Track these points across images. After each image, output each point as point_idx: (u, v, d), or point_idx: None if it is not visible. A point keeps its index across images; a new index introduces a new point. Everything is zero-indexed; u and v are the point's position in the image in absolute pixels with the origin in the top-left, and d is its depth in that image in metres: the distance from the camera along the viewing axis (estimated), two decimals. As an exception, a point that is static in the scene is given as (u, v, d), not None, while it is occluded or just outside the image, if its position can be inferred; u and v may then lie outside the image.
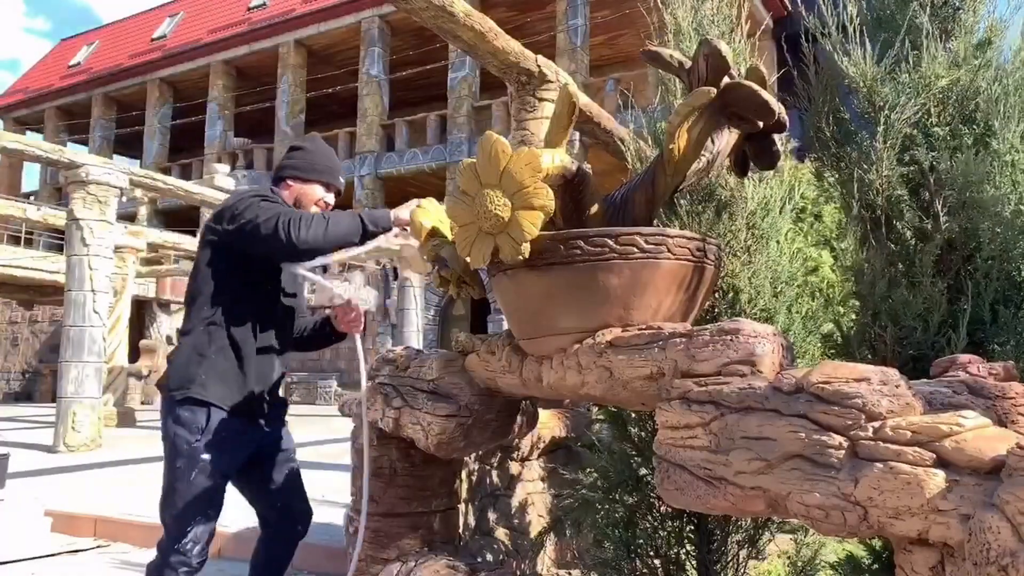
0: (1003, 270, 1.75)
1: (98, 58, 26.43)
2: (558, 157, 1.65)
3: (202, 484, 2.17)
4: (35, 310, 20.64)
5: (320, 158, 2.43)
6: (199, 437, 2.17)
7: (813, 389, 1.20)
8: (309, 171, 2.39)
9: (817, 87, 2.03)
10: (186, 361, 2.22)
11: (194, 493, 2.16)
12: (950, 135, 1.85)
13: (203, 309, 2.24)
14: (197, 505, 2.17)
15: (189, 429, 2.17)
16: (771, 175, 2.33)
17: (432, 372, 2.14)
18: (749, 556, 2.35)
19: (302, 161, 2.40)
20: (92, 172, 8.65)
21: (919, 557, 1.11)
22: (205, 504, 2.19)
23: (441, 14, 3.67)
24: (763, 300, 2.25)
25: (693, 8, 2.38)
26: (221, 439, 2.19)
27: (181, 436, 2.17)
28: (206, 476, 2.17)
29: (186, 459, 2.16)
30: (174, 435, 2.18)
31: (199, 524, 2.18)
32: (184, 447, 2.16)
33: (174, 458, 2.18)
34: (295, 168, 2.40)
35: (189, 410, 2.18)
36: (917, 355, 1.79)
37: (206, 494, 2.18)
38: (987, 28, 1.90)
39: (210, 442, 2.17)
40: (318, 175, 2.40)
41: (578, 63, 16.63)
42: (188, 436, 2.17)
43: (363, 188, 19.27)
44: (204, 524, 2.20)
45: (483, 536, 2.90)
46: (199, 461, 2.16)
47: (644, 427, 2.38)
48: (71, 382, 8.45)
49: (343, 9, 20.29)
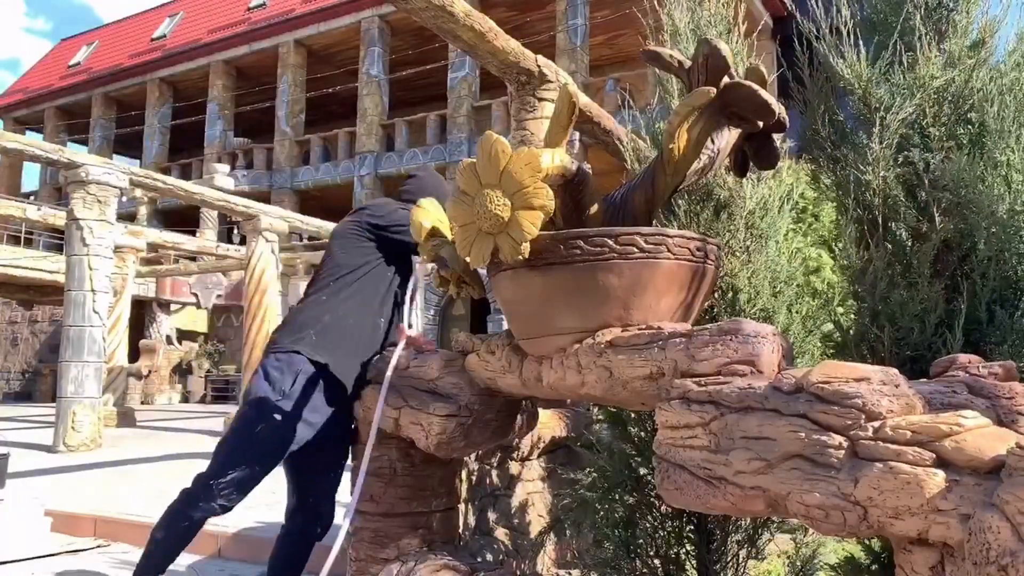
0: (999, 270, 1.75)
1: (98, 58, 26.42)
2: (558, 157, 1.65)
3: (263, 438, 2.29)
4: (35, 310, 20.63)
5: (428, 184, 2.80)
6: (279, 398, 2.30)
7: (813, 389, 1.20)
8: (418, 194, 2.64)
9: (812, 89, 2.03)
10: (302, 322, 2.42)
11: (252, 443, 2.29)
12: (946, 135, 1.85)
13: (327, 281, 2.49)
14: (249, 455, 2.29)
15: (274, 386, 2.32)
16: (770, 175, 2.33)
17: (432, 372, 2.14)
18: (749, 556, 2.35)
19: (414, 186, 2.77)
20: (92, 172, 8.65)
21: (919, 557, 1.11)
22: (256, 458, 2.30)
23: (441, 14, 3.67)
24: (762, 300, 2.25)
25: (690, 9, 2.38)
26: (296, 407, 2.31)
27: (263, 388, 2.31)
28: (270, 433, 2.29)
29: (258, 412, 2.30)
30: (258, 385, 2.33)
31: (241, 472, 2.28)
32: (261, 400, 2.30)
33: (249, 406, 2.33)
34: (409, 192, 2.75)
35: (279, 369, 2.33)
36: (915, 355, 1.79)
37: (262, 449, 2.30)
38: (981, 28, 1.91)
39: (287, 405, 2.30)
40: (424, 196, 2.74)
41: (578, 63, 16.62)
42: (270, 392, 2.31)
43: (363, 188, 19.27)
44: (246, 475, 2.29)
45: (483, 536, 2.90)
46: (270, 418, 2.28)
47: (644, 427, 2.38)
48: (71, 382, 8.45)
49: (343, 9, 20.28)
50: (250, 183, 20.73)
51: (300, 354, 2.35)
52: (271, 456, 2.33)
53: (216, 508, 2.30)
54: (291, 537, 2.59)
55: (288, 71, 21.18)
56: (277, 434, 2.30)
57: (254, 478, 2.32)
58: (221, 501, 2.29)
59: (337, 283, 2.48)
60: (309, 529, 2.59)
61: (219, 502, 2.29)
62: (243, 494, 2.32)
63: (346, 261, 2.52)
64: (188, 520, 2.32)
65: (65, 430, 8.31)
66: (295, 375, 2.32)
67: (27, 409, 15.76)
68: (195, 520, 2.32)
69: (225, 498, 2.29)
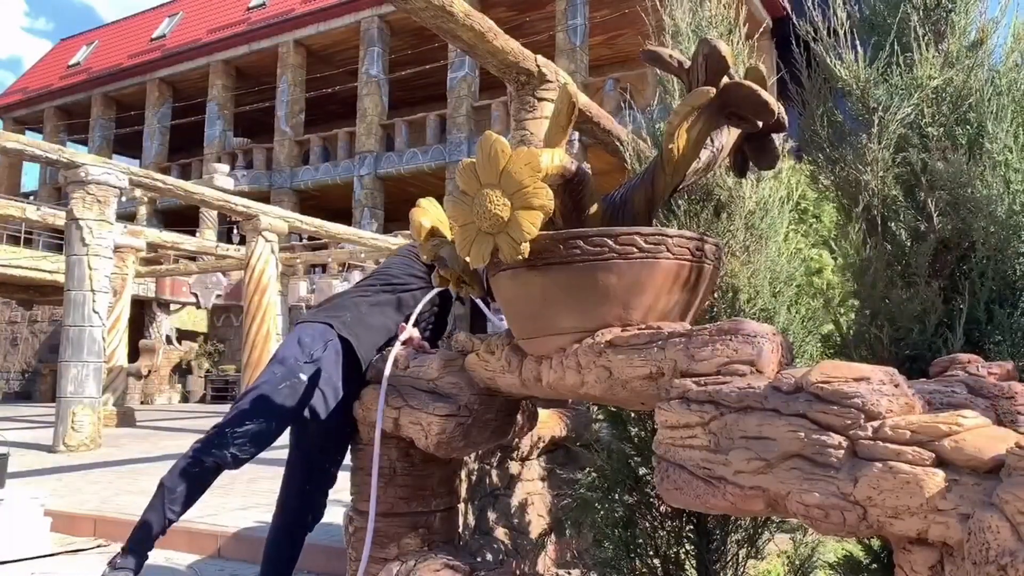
0: (998, 270, 1.75)
1: (97, 58, 26.42)
2: (557, 157, 1.65)
3: (285, 395, 2.33)
4: (35, 310, 20.63)
5: None
6: (307, 360, 2.38)
7: (812, 389, 1.20)
8: None
9: (810, 90, 2.03)
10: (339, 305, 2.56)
11: (274, 398, 2.33)
12: (944, 135, 1.85)
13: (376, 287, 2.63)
14: (269, 409, 2.32)
15: (303, 350, 2.40)
16: (770, 175, 2.33)
17: (431, 372, 2.14)
18: (748, 555, 2.35)
19: None
20: (92, 172, 8.65)
21: (918, 557, 1.11)
22: (275, 413, 2.33)
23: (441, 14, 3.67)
24: (762, 300, 2.25)
25: (691, 10, 2.38)
26: (320, 374, 2.39)
27: (293, 351, 2.40)
28: (290, 391, 2.34)
29: (285, 369, 2.36)
30: (288, 348, 2.42)
31: (258, 425, 2.31)
32: (290, 360, 2.38)
33: (274, 364, 2.41)
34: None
35: (312, 336, 2.43)
36: (914, 355, 1.79)
37: (282, 405, 2.34)
38: (979, 29, 1.91)
39: (312, 369, 2.37)
40: None
41: (577, 63, 16.63)
42: (299, 354, 2.39)
43: (363, 188, 19.27)
44: (262, 428, 2.32)
45: (483, 536, 2.90)
46: (295, 377, 2.35)
47: (643, 427, 2.38)
48: (71, 382, 8.45)
49: (342, 9, 20.28)
50: (250, 183, 20.73)
51: (332, 328, 2.45)
52: (288, 413, 2.36)
53: (227, 457, 2.29)
54: (286, 526, 2.61)
55: (288, 71, 21.18)
56: (299, 394, 2.35)
57: (270, 433, 2.34)
58: (234, 450, 2.28)
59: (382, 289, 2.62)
60: (303, 518, 2.60)
61: (231, 451, 2.28)
62: (256, 448, 2.32)
63: (398, 274, 2.68)
64: (199, 466, 2.31)
65: (65, 430, 8.31)
66: (325, 344, 2.42)
67: (27, 409, 15.76)
68: (206, 467, 2.31)
69: (238, 447, 2.28)
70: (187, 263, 16.82)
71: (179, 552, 4.17)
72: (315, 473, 2.60)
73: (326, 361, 2.40)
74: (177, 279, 18.73)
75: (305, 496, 2.60)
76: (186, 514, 2.40)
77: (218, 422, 2.35)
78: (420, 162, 18.66)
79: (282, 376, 2.35)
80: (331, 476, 2.64)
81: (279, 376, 2.36)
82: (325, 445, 2.55)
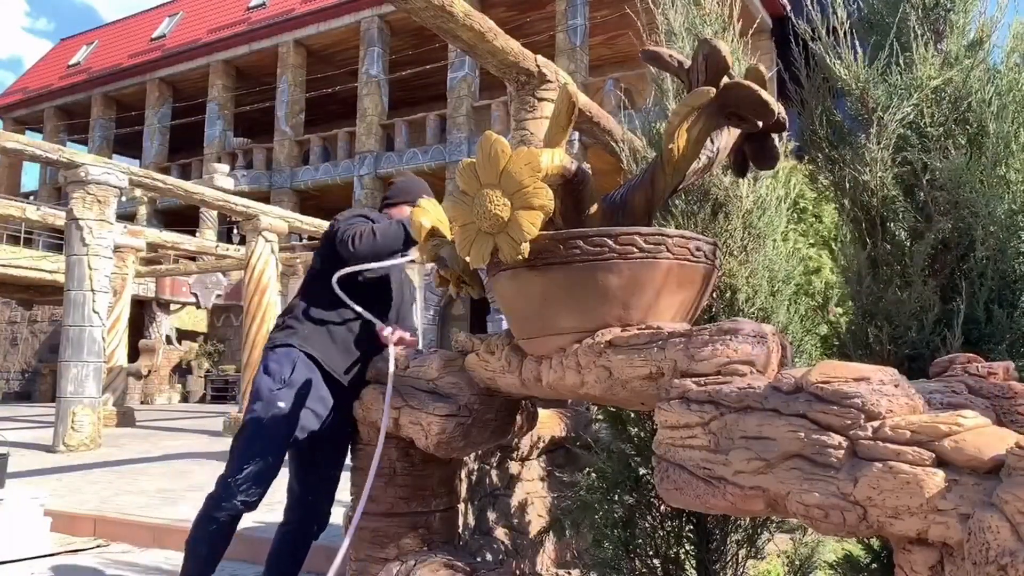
0: (997, 269, 1.75)
1: (97, 58, 26.41)
2: (557, 157, 1.65)
3: (271, 427, 2.38)
4: (34, 310, 20.63)
5: (404, 185, 2.92)
6: (280, 387, 2.41)
7: (812, 389, 1.20)
8: (395, 197, 2.86)
9: (810, 90, 2.03)
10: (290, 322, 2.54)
11: (261, 434, 2.38)
12: (943, 135, 1.85)
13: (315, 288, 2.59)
14: (260, 447, 2.38)
15: (273, 378, 2.43)
16: (768, 175, 2.33)
17: (432, 372, 2.14)
18: (748, 555, 2.35)
19: (392, 192, 2.90)
20: (91, 172, 8.64)
21: (918, 557, 1.11)
22: (268, 448, 2.38)
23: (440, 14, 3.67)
24: (761, 299, 2.25)
25: (685, 9, 2.38)
26: (300, 394, 2.42)
27: (265, 382, 2.43)
28: (277, 424, 2.38)
29: (263, 403, 2.40)
30: (259, 381, 2.45)
31: (256, 465, 2.36)
32: (265, 392, 2.41)
33: (254, 400, 2.44)
34: (387, 198, 2.90)
35: (278, 361, 2.45)
36: (912, 354, 1.79)
37: (272, 438, 2.39)
38: (978, 28, 1.91)
39: (288, 394, 2.40)
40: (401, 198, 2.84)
41: (577, 63, 16.62)
42: (271, 384, 2.42)
43: (363, 188, 19.26)
44: (261, 467, 2.36)
45: (482, 536, 2.90)
46: (275, 407, 2.38)
47: (643, 427, 2.38)
48: (70, 382, 8.44)
49: (343, 9, 20.27)
50: (250, 183, 20.71)
51: (292, 346, 2.47)
52: (281, 443, 2.40)
53: (239, 505, 2.36)
54: (289, 534, 2.63)
55: (288, 71, 21.17)
56: (284, 420, 2.38)
57: (270, 469, 2.39)
58: (242, 498, 2.35)
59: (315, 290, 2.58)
60: (307, 526, 2.63)
61: (240, 499, 2.34)
62: (262, 487, 2.39)
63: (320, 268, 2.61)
64: (215, 523, 2.38)
65: (65, 430, 8.31)
66: (292, 364, 2.44)
67: (27, 409, 15.76)
68: (221, 522, 2.38)
69: (245, 494, 2.34)
70: (187, 263, 16.81)
71: (179, 552, 4.16)
72: (316, 481, 2.61)
73: (299, 378, 2.43)
74: (177, 279, 18.73)
75: (308, 507, 2.61)
76: (186, 513, 2.43)
77: (221, 474, 2.42)
78: (420, 162, 18.64)
79: (262, 411, 2.39)
80: (334, 480, 2.64)
81: (259, 412, 2.40)
82: (323, 452, 2.56)
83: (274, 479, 2.41)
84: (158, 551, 4.27)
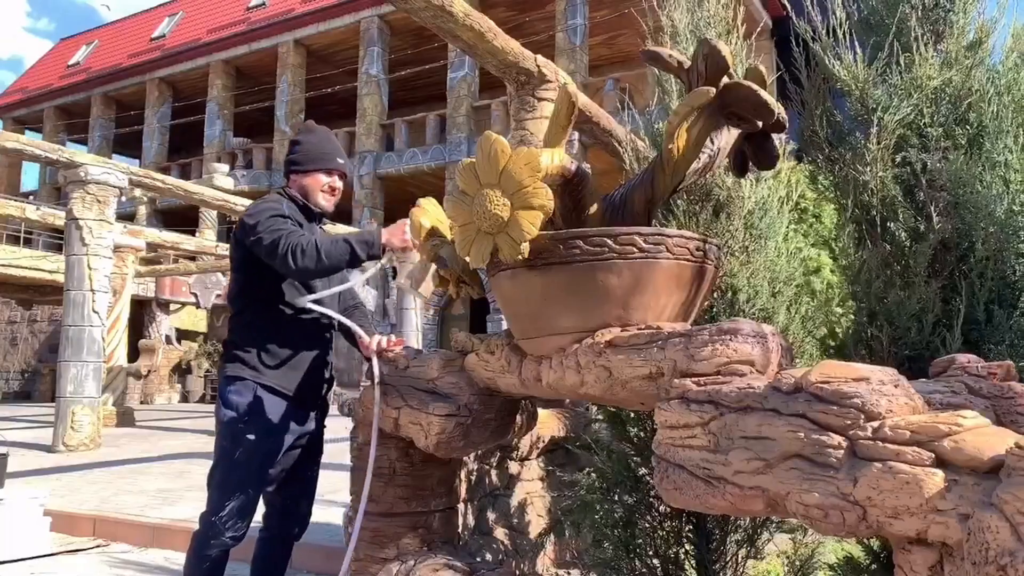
0: (997, 270, 1.75)
1: (97, 58, 26.40)
2: (557, 157, 1.65)
3: (244, 463, 2.30)
4: (34, 309, 20.62)
5: (315, 147, 2.49)
6: (246, 418, 2.29)
7: (812, 389, 1.20)
8: (307, 163, 2.47)
9: (810, 90, 2.04)
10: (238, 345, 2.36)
11: (236, 469, 2.30)
12: (943, 136, 1.85)
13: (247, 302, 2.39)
14: (238, 482, 2.30)
15: (237, 410, 2.30)
16: (769, 175, 2.33)
17: (431, 372, 2.14)
18: (748, 555, 2.35)
19: (300, 155, 2.48)
20: (91, 172, 8.64)
21: (918, 557, 1.11)
22: (245, 482, 2.31)
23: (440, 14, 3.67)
24: (761, 300, 2.25)
25: (689, 10, 2.38)
26: (266, 422, 2.31)
27: (229, 416, 2.31)
28: (248, 456, 2.29)
29: (232, 438, 2.30)
30: (223, 414, 2.33)
31: (237, 500, 2.29)
32: (232, 426, 2.30)
33: (221, 436, 2.34)
34: (294, 163, 2.49)
35: (238, 392, 2.31)
36: (913, 355, 1.79)
37: (247, 473, 2.31)
38: (977, 29, 1.91)
39: (255, 424, 2.30)
40: (315, 164, 2.47)
41: (577, 63, 16.62)
42: (235, 417, 2.30)
43: (362, 188, 19.26)
44: (242, 501, 2.30)
45: (482, 536, 2.90)
46: (244, 441, 2.29)
47: (643, 427, 2.38)
48: (70, 382, 8.44)
49: (342, 9, 20.27)
50: (249, 183, 20.71)
51: (246, 379, 2.33)
52: (258, 473, 2.34)
53: (228, 541, 2.32)
54: (271, 540, 2.58)
55: (287, 71, 21.17)
56: (258, 452, 2.31)
57: (252, 501, 2.34)
58: (230, 534, 2.30)
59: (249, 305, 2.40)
60: (287, 530, 2.57)
61: (228, 535, 2.30)
62: (247, 519, 2.34)
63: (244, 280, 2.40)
64: (207, 560, 2.33)
65: (64, 430, 8.30)
66: (252, 394, 2.32)
67: (26, 409, 15.75)
68: (214, 558, 2.33)
69: (232, 529, 2.30)
70: (187, 263, 16.81)
71: (178, 552, 4.16)
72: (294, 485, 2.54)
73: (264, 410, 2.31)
74: (177, 279, 18.72)
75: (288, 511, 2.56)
76: (186, 513, 2.42)
77: (203, 511, 2.35)
78: (420, 162, 18.65)
79: (231, 445, 2.31)
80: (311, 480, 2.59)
81: (228, 447, 2.31)
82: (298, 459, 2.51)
83: (256, 508, 2.37)
84: (157, 551, 4.27)
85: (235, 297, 2.45)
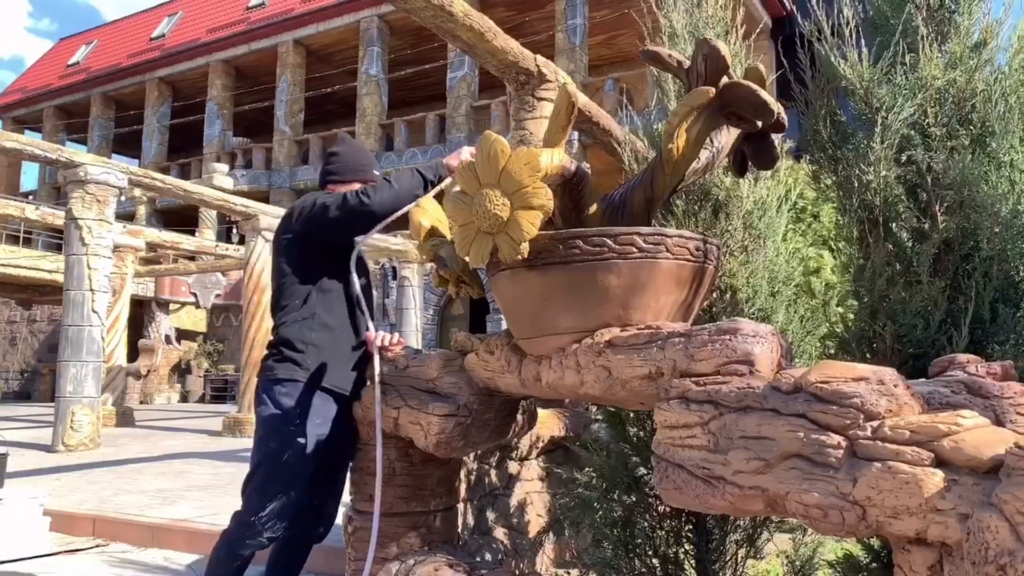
0: (1002, 269, 1.75)
1: (97, 57, 26.39)
2: (557, 157, 1.65)
3: (292, 463, 2.29)
4: (34, 309, 20.62)
5: (353, 159, 2.61)
6: (297, 423, 2.28)
7: (812, 389, 1.20)
8: (345, 172, 2.56)
9: (813, 90, 2.04)
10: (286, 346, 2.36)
11: (283, 471, 2.29)
12: (947, 135, 1.85)
13: (294, 302, 2.39)
14: (283, 483, 2.29)
15: (285, 412, 2.29)
16: (768, 175, 2.33)
17: (431, 372, 2.14)
18: (747, 555, 2.35)
19: (338, 165, 2.58)
20: (91, 171, 8.64)
21: (917, 556, 1.11)
22: (290, 484, 2.30)
23: (440, 14, 3.67)
24: (761, 299, 2.25)
25: (688, 11, 2.39)
26: (318, 424, 2.31)
27: (277, 418, 2.30)
28: (298, 457, 2.29)
29: (280, 440, 2.29)
30: (270, 417, 2.31)
31: (279, 502, 2.28)
32: (280, 429, 2.29)
33: (267, 437, 2.32)
34: (333, 173, 2.57)
35: (289, 395, 2.31)
36: (917, 353, 1.79)
37: (293, 474, 2.30)
38: (983, 29, 1.91)
39: (306, 428, 2.29)
40: (353, 175, 2.56)
41: (577, 63, 16.62)
42: (286, 421, 2.29)
43: (362, 188, 19.27)
44: (284, 503, 2.29)
45: (482, 535, 2.90)
46: (294, 444, 2.28)
47: (642, 427, 2.38)
48: (70, 381, 8.44)
49: (342, 9, 20.27)
50: (249, 182, 20.71)
51: (299, 381, 2.33)
52: (304, 476, 2.33)
53: (265, 542, 2.31)
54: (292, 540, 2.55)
55: (287, 71, 21.17)
56: (305, 455, 2.31)
57: (292, 503, 2.32)
58: (268, 534, 2.29)
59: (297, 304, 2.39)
60: (311, 530, 2.57)
61: (267, 535, 2.29)
62: (284, 521, 2.33)
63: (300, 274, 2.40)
64: (239, 559, 2.33)
65: (64, 430, 8.30)
66: (305, 395, 2.32)
67: (26, 409, 15.75)
68: (246, 558, 2.34)
69: (271, 530, 2.29)
70: (186, 263, 16.81)
71: (178, 552, 4.17)
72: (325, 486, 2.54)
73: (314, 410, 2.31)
74: (176, 279, 18.72)
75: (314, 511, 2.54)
76: (185, 513, 2.40)
77: (238, 511, 2.34)
78: (420, 161, 18.66)
79: (279, 447, 2.29)
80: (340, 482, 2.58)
81: (276, 449, 2.29)
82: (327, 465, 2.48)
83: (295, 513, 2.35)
84: (157, 551, 4.26)
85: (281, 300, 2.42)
